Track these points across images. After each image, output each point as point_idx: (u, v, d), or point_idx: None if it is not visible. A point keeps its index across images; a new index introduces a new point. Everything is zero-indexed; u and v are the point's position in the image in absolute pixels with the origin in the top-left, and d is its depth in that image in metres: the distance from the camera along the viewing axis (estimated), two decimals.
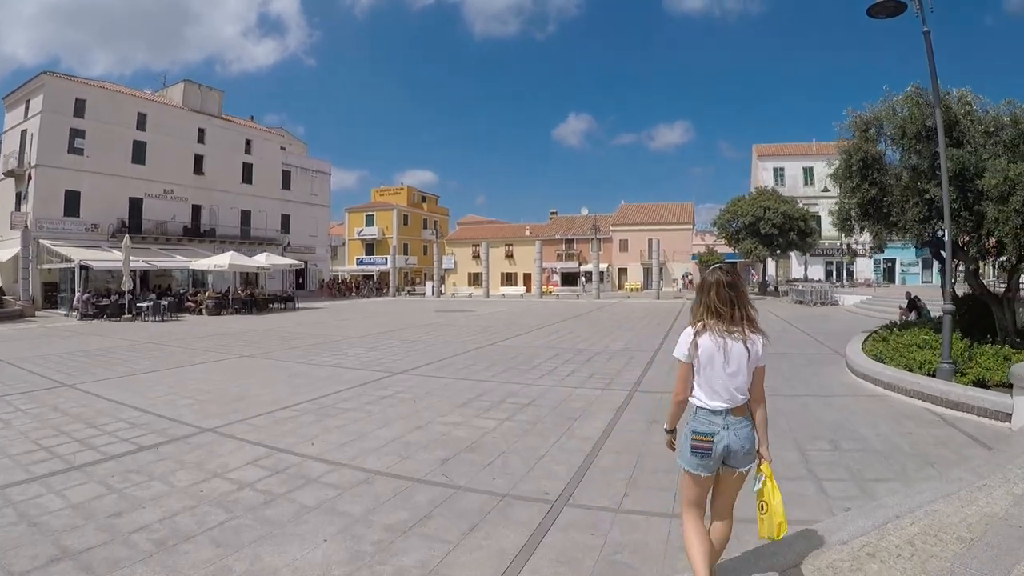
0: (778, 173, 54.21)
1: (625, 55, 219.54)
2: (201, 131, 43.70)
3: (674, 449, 3.09)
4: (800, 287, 38.07)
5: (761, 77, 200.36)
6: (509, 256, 68.59)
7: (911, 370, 9.76)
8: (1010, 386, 7.50)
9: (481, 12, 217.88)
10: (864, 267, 53.29)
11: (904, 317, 18.39)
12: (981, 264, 13.22)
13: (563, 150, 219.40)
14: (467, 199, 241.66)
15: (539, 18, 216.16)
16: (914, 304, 18.87)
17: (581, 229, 67.19)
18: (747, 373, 2.87)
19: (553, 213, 78.00)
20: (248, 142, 47.76)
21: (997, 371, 8.76)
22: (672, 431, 3.14)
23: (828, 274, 52.39)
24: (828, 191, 43.23)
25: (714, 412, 2.88)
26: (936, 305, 15.14)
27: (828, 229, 46.39)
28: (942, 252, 11.82)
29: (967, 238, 13.17)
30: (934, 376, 9.13)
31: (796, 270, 51.15)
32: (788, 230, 40.72)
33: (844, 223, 13.81)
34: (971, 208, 11.08)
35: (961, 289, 15.69)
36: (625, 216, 67.48)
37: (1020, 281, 12.68)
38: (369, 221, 72.08)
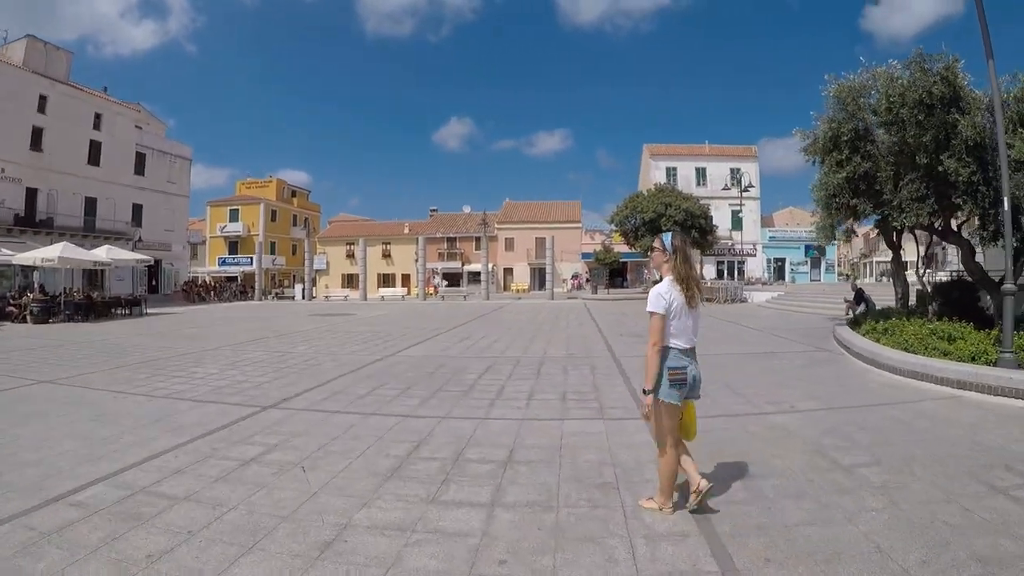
0: (671, 172, 54.82)
1: (513, 62, 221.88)
2: (42, 99, 36.83)
3: (648, 417, 3.85)
4: (709, 284, 37.63)
5: (647, 90, 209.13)
6: (386, 256, 64.68)
7: (974, 360, 8.69)
8: None
9: (375, 10, 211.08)
10: (755, 266, 54.86)
11: (852, 310, 18.51)
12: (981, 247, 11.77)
13: (443, 154, 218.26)
14: (341, 200, 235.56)
15: (434, 20, 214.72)
16: (861, 296, 19.11)
17: (464, 227, 64.67)
18: (698, 321, 3.90)
19: (433, 211, 74.81)
20: (98, 116, 41.01)
21: (986, 354, 8.67)
22: (653, 391, 3.77)
23: (720, 273, 53.33)
24: (728, 189, 43.60)
25: (683, 352, 3.82)
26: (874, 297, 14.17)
27: (722, 229, 48.17)
28: (916, 239, 10.10)
29: (963, 220, 11.91)
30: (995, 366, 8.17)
31: None
32: (690, 227, 40.25)
33: (831, 200, 11.93)
34: (990, 183, 9.70)
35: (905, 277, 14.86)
36: (510, 214, 65.57)
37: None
38: (233, 216, 66.76)
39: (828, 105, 12.26)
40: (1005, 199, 8.27)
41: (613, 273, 55.32)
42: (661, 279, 3.96)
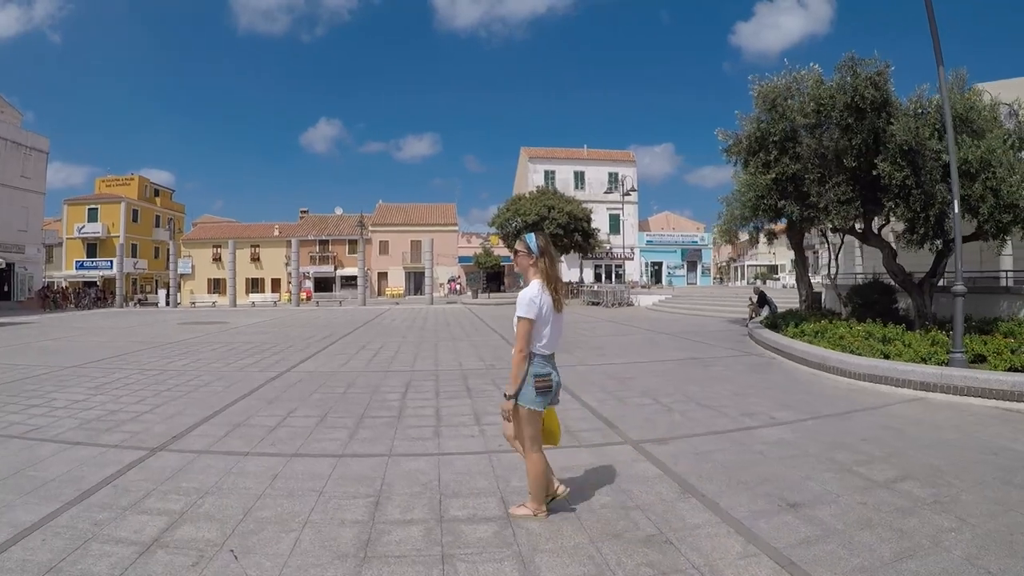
0: (549, 176, 55.45)
1: (387, 65, 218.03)
2: None
3: (508, 419, 3.86)
4: (596, 288, 38.19)
5: (519, 96, 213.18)
6: (255, 259, 60.83)
7: (925, 361, 9.08)
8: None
9: (248, 5, 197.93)
10: (632, 269, 56.62)
11: (756, 312, 19.21)
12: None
13: (310, 155, 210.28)
14: (207, 202, 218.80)
15: (309, 19, 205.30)
16: (764, 299, 19.75)
17: (336, 229, 62.24)
18: (561, 325, 3.87)
19: (304, 212, 71.25)
20: None
21: (936, 354, 9.14)
22: (514, 396, 3.74)
23: (598, 276, 54.62)
24: (634, 191, 44.52)
25: (547, 357, 3.82)
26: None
27: (600, 233, 49.44)
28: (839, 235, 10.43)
29: (884, 222, 12.36)
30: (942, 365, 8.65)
31: (568, 273, 52.03)
32: (573, 231, 40.73)
33: (759, 201, 11.97)
34: (922, 186, 10.12)
35: (808, 280, 15.45)
36: (385, 216, 63.76)
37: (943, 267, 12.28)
38: (92, 216, 61.85)
39: (755, 105, 12.28)
40: (955, 203, 8.67)
41: (490, 277, 55.04)
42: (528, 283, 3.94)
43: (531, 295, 3.66)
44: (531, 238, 3.82)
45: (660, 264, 61.25)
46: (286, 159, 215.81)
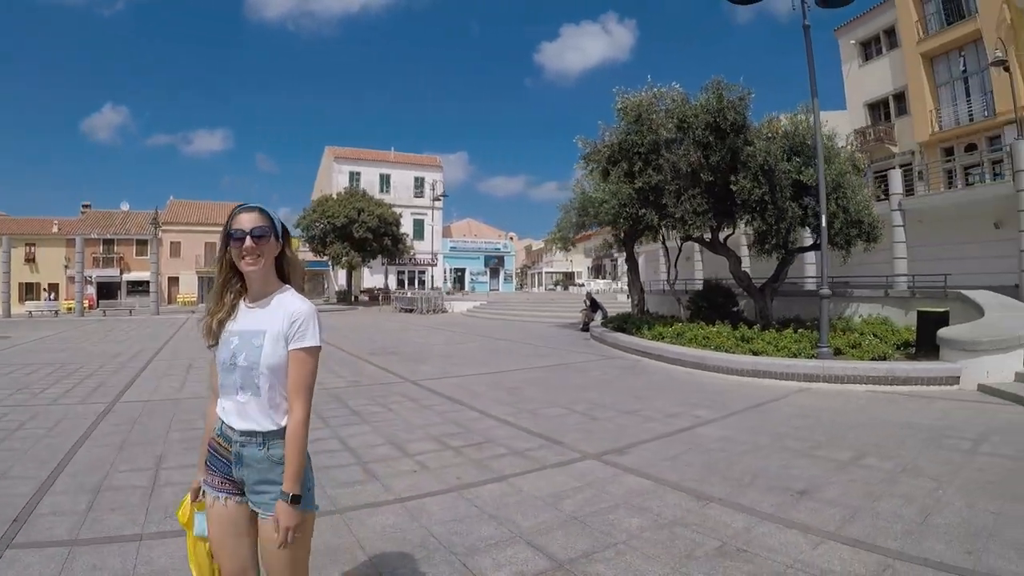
0: (355, 177, 53.86)
1: (184, 48, 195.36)
2: None
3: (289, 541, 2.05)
4: (409, 295, 37.70)
5: (323, 96, 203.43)
6: (30, 260, 50.87)
7: (796, 356, 10.33)
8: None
9: None
10: (436, 275, 56.80)
11: (590, 317, 20.19)
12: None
13: (93, 145, 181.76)
14: None
15: None
16: (596, 304, 21.07)
17: (123, 227, 54.93)
18: None
19: (86, 206, 61.30)
20: None
21: (779, 349, 10.73)
22: (301, 498, 2.08)
23: (401, 283, 54.15)
24: (444, 197, 44.43)
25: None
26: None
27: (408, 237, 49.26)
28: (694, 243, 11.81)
29: (731, 232, 13.66)
30: (813, 359, 9.98)
31: (369, 279, 51.05)
32: (383, 234, 40.02)
33: (621, 210, 12.73)
34: (776, 202, 11.64)
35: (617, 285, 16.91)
36: (177, 214, 57.33)
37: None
38: None
39: (619, 117, 13.01)
40: (823, 216, 9.98)
41: None
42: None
43: (313, 311, 2.16)
44: (274, 215, 2.19)
45: (463, 270, 62.25)
46: (65, 146, 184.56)
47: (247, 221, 2.10)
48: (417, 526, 4.02)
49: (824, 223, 10.24)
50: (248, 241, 2.07)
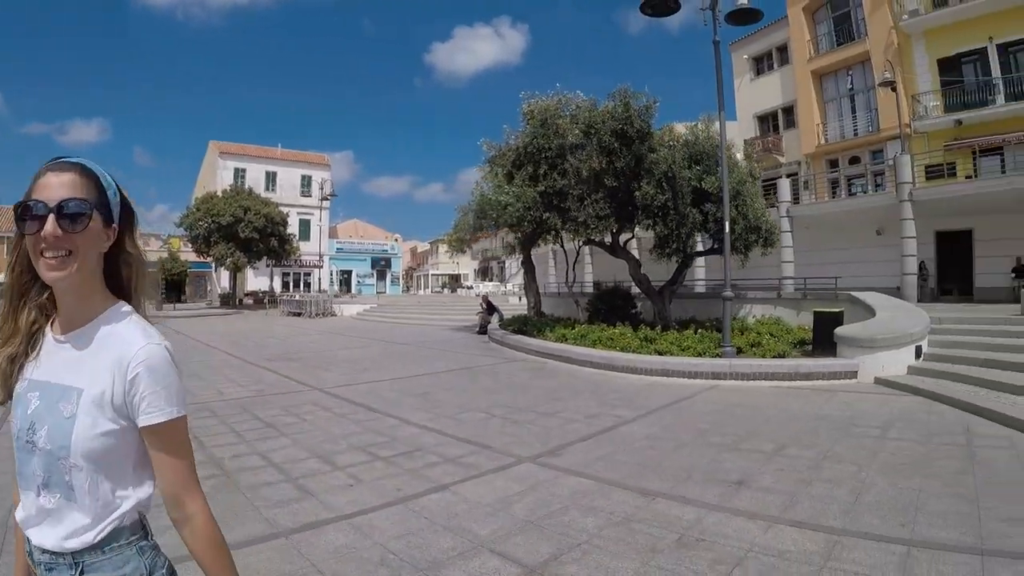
0: (240, 174, 51.22)
1: (66, 30, 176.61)
2: None
3: None
4: (297, 298, 36.33)
5: (209, 90, 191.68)
6: None
7: (702, 355, 10.78)
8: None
9: None
10: (322, 278, 55.07)
11: (486, 320, 20.38)
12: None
13: None
14: None
15: None
16: (492, 307, 21.26)
17: None
18: None
19: None
20: None
21: (683, 349, 11.18)
22: None
23: (286, 285, 52.19)
24: (334, 196, 42.98)
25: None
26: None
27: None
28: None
29: (628, 237, 14.12)
30: (718, 358, 10.54)
31: (254, 281, 48.86)
32: (270, 235, 38.40)
33: (526, 213, 12.89)
34: (677, 208, 12.19)
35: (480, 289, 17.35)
36: None
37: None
38: None
39: (526, 121, 13.14)
40: (727, 223, 10.50)
41: (170, 285, 48.73)
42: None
43: (162, 348, 1.30)
44: (107, 179, 1.30)
45: (350, 272, 60.61)
46: None
47: (53, 188, 1.20)
48: (371, 543, 3.80)
49: (728, 229, 10.86)
50: (51, 224, 1.17)
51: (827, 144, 26.35)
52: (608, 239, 14.88)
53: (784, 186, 20.86)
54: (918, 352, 10.02)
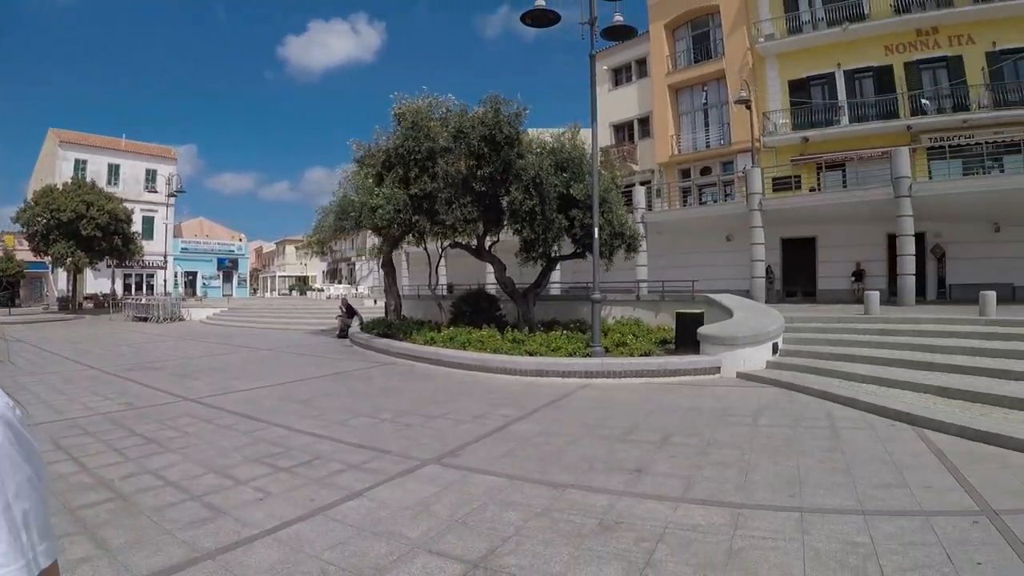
0: (80, 166, 46.48)
1: None
2: None
3: None
4: (144, 301, 33.84)
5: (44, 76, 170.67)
6: None
7: (572, 355, 11.28)
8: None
9: None
10: (166, 279, 51.35)
11: (347, 324, 20.00)
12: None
13: None
14: None
15: None
16: (352, 311, 20.74)
17: None
18: None
19: None
20: None
21: (553, 350, 11.63)
22: None
23: (128, 288, 48.28)
24: (182, 193, 40.19)
25: None
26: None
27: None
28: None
29: (493, 240, 14.52)
30: (588, 357, 11.07)
31: (92, 283, 44.86)
32: (113, 233, 35.43)
33: (396, 215, 13.01)
34: (544, 212, 12.76)
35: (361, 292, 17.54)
36: None
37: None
38: None
39: (398, 123, 13.29)
40: (596, 230, 11.36)
41: (3, 288, 43.15)
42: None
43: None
44: None
45: (195, 274, 56.65)
46: None
47: None
48: (305, 556, 3.69)
49: (597, 234, 11.45)
50: None
51: (680, 154, 28.39)
52: (474, 242, 15.13)
53: (640, 193, 22.29)
54: (775, 348, 11.12)
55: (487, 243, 15.53)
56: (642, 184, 25.33)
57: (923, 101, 21.87)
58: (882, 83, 22.80)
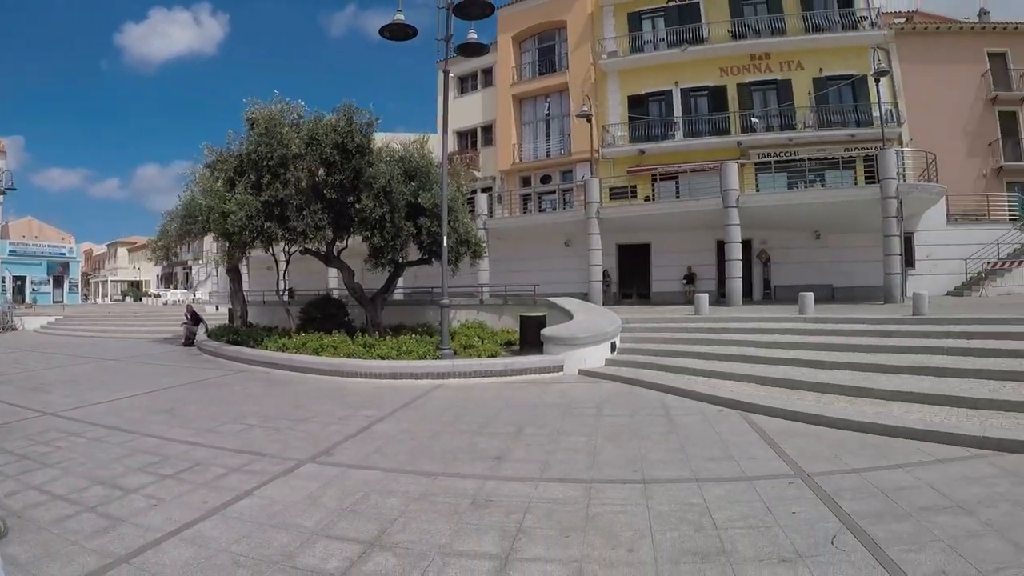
0: None
1: None
2: None
3: None
4: None
5: None
6: None
7: (423, 358, 11.86)
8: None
9: None
10: None
11: (192, 331, 19.25)
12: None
13: None
14: None
15: None
16: (198, 317, 20.08)
17: None
18: None
19: None
20: None
21: (404, 353, 12.23)
22: None
23: None
24: (13, 190, 35.67)
25: None
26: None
27: None
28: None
29: (341, 246, 14.97)
30: (439, 359, 11.68)
31: None
32: None
33: (248, 222, 13.09)
34: (393, 220, 13.30)
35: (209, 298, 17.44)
36: None
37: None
38: None
39: (251, 128, 13.18)
40: (444, 238, 11.93)
41: None
42: None
43: None
44: None
45: (23, 279, 50.68)
46: None
47: None
48: (215, 551, 3.95)
49: (445, 242, 12.08)
50: None
51: (522, 163, 29.65)
52: (324, 248, 15.26)
53: (482, 200, 23.23)
54: (613, 347, 12.28)
55: (336, 249, 15.65)
56: (484, 191, 26.45)
57: (753, 120, 24.83)
58: (716, 102, 25.49)
